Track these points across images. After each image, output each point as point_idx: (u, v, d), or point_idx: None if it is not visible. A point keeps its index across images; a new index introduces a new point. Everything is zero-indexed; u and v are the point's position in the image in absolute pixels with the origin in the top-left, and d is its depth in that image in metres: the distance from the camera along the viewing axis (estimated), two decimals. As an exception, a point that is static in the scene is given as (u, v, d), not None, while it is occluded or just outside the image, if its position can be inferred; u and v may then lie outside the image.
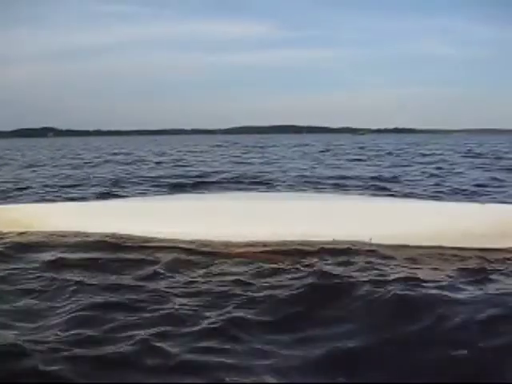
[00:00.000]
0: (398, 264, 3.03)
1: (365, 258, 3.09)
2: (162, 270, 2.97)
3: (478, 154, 17.42)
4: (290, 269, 2.93)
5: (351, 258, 3.11)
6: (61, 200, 6.05)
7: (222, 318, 2.23)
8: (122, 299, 2.49)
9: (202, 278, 2.84)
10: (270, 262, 3.09)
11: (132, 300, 2.48)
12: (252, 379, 1.77)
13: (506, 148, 23.34)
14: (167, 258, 3.21)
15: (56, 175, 10.09)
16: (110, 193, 6.79)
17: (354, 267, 2.92)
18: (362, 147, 25.73)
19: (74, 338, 2.06)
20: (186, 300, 2.48)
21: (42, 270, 3.02)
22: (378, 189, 7.07)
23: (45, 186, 8.07)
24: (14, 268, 3.07)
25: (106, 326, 2.18)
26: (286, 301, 2.44)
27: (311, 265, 2.99)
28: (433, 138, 53.98)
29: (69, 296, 2.56)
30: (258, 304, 2.41)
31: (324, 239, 3.38)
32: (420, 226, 3.42)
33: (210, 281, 2.78)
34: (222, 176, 9.15)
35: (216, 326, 2.15)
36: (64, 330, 2.14)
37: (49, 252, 3.42)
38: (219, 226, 3.59)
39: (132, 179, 8.87)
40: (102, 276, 2.90)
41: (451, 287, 2.56)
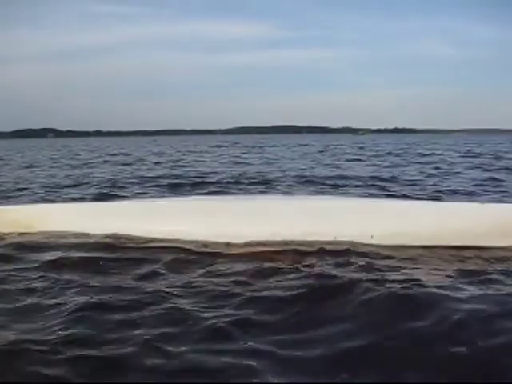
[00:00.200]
0: (398, 264, 3.03)
1: (365, 258, 3.09)
2: (162, 270, 2.97)
3: (478, 154, 17.42)
4: (290, 269, 2.93)
5: (351, 258, 3.10)
6: (61, 200, 6.06)
7: (222, 318, 2.23)
8: (122, 299, 2.49)
9: (202, 278, 2.84)
10: (270, 261, 3.09)
11: (132, 300, 2.47)
12: (252, 379, 1.77)
13: (505, 148, 23.33)
14: (167, 257, 3.21)
15: (56, 175, 10.09)
16: (109, 193, 6.80)
17: (353, 267, 2.92)
18: (361, 147, 25.73)
19: (74, 337, 2.07)
20: (185, 300, 2.48)
21: (43, 270, 3.02)
22: (377, 189, 7.07)
23: (44, 186, 8.08)
24: (15, 268, 3.08)
25: (106, 326, 2.18)
26: (285, 301, 2.44)
27: (311, 265, 2.99)
28: (433, 138, 53.97)
29: (69, 296, 2.56)
30: (257, 304, 2.41)
31: (324, 239, 3.38)
32: (420, 226, 3.42)
33: (210, 281, 2.78)
34: (222, 176, 9.15)
35: (216, 326, 2.15)
36: (64, 330, 2.14)
37: (49, 252, 3.42)
38: (219, 225, 3.60)
39: (131, 179, 8.87)
40: (102, 276, 2.91)
41: (451, 287, 2.56)
